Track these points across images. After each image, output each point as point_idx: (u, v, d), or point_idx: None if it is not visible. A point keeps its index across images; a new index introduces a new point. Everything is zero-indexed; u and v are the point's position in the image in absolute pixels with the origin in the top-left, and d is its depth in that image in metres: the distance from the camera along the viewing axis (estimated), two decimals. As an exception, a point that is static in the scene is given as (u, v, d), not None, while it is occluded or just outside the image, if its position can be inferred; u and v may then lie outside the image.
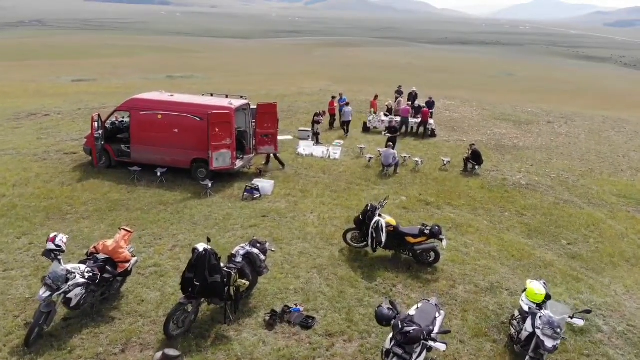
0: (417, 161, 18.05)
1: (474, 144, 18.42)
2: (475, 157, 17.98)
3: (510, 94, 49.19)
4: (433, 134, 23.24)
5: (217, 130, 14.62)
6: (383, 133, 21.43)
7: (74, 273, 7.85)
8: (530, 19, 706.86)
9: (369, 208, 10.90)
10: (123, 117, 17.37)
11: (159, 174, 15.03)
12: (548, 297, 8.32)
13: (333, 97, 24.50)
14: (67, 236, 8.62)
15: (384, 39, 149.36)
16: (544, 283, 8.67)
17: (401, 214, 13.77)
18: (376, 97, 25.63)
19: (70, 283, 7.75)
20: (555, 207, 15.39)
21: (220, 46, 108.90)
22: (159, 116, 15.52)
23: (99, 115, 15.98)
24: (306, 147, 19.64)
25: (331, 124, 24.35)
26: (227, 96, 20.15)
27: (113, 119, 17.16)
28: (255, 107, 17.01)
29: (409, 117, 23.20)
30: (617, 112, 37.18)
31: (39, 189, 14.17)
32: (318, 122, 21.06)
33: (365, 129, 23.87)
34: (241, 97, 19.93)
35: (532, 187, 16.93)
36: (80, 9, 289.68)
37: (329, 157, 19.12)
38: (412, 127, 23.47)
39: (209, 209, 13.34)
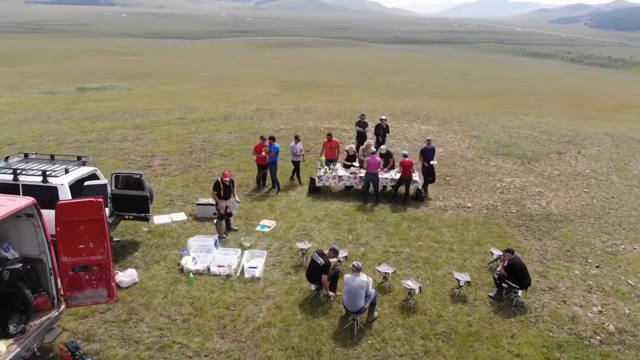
0: (410, 289, 9.29)
1: (510, 251, 9.67)
2: (514, 274, 9.50)
3: (476, 100, 42.12)
4: (419, 197, 14.64)
5: None
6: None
7: None
8: (478, 17, 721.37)
9: None
10: None
11: None
12: None
13: (262, 139, 15.34)
14: None
15: (335, 39, 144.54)
16: None
17: None
18: (330, 136, 16.42)
19: None
20: None
21: (165, 48, 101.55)
22: None
23: None
24: (201, 253, 10.52)
25: (259, 179, 15.44)
26: (52, 157, 11.09)
27: None
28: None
29: (379, 172, 14.41)
30: (605, 122, 31.25)
31: None
32: (225, 197, 11.94)
33: (314, 189, 14.97)
34: (79, 159, 10.91)
35: (636, 344, 8.60)
36: (21, 10, 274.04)
37: (242, 273, 10.14)
38: (385, 186, 14.75)
39: None
